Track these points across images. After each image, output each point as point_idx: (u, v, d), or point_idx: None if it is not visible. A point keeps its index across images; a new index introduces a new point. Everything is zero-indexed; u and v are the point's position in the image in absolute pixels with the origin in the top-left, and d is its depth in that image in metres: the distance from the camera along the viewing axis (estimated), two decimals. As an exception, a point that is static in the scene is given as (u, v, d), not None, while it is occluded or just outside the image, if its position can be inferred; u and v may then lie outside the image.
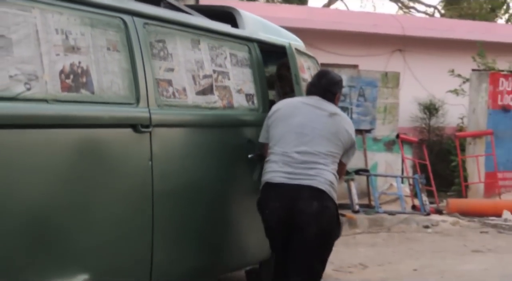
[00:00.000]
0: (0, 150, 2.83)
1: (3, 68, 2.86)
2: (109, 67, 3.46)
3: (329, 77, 4.38)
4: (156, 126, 3.66)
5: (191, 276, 4.15)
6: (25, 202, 2.94)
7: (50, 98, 3.07)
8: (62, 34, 3.20)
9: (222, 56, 4.46)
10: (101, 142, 3.37)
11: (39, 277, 3.01)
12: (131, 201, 3.54)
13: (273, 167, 4.15)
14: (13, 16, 2.96)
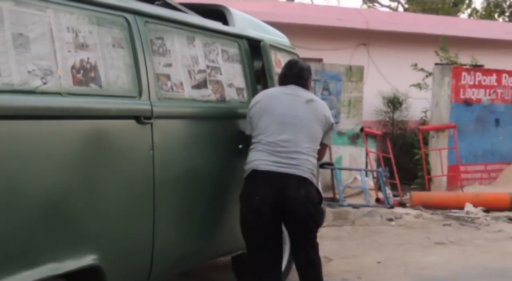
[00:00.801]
0: (19, 139, 3.07)
1: (22, 63, 3.10)
2: (115, 62, 3.70)
3: (299, 65, 4.74)
4: (157, 117, 3.91)
5: (187, 259, 4.44)
6: (40, 187, 3.18)
7: (63, 91, 3.31)
8: (73, 32, 3.44)
9: (214, 52, 4.73)
10: (108, 133, 3.62)
11: (53, 256, 3.25)
12: (134, 188, 3.79)
13: (259, 156, 4.46)
14: (30, 15, 3.19)
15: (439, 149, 11.63)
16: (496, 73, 12.36)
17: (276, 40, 5.58)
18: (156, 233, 3.95)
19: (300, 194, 4.40)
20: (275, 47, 5.38)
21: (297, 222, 4.50)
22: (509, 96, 12.45)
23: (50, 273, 3.21)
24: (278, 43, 5.55)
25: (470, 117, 11.99)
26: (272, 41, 5.38)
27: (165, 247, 4.04)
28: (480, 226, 8.91)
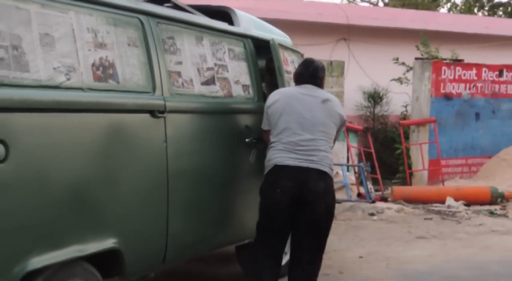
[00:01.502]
0: (47, 130, 3.34)
1: (48, 61, 3.37)
2: (130, 60, 3.98)
3: (315, 65, 4.96)
4: (170, 112, 4.18)
5: (198, 245, 4.72)
6: (65, 175, 3.45)
7: (85, 87, 3.59)
8: (92, 32, 3.72)
9: (221, 51, 5.00)
10: (125, 125, 3.89)
11: (78, 239, 3.52)
12: (150, 177, 4.06)
13: (280, 154, 4.68)
14: (54, 17, 3.47)
15: (420, 144, 11.70)
16: (476, 67, 12.47)
17: (282, 39, 5.85)
18: (169, 220, 4.22)
19: (320, 186, 4.62)
20: (281, 46, 5.66)
21: (312, 217, 4.64)
22: (489, 90, 12.58)
23: (74, 254, 3.48)
24: (284, 42, 5.82)
25: (451, 111, 12.08)
26: (279, 41, 5.66)
27: (178, 233, 4.31)
28: (461, 220, 8.98)
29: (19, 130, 3.17)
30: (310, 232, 4.70)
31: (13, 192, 3.12)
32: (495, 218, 9.23)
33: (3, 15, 3.14)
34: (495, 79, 12.65)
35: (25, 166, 3.19)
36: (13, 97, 3.13)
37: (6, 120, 3.11)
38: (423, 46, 13.33)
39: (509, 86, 12.88)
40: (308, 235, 4.70)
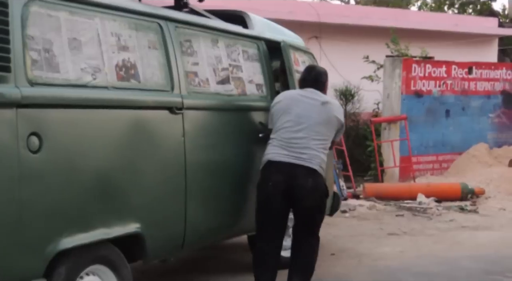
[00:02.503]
0: (76, 124, 3.72)
1: (76, 62, 3.76)
2: (150, 61, 4.36)
3: (317, 70, 5.34)
4: (187, 109, 4.56)
5: (214, 233, 5.08)
6: (93, 165, 3.82)
7: (109, 85, 3.97)
8: (116, 36, 4.10)
9: (236, 52, 5.36)
10: (146, 120, 4.26)
11: (104, 223, 3.89)
12: (169, 168, 4.43)
13: (274, 150, 5.04)
14: (81, 23, 3.85)
15: (391, 141, 11.79)
16: (445, 64, 12.59)
17: (292, 41, 6.21)
18: (187, 208, 4.58)
19: (308, 182, 4.95)
20: (293, 47, 6.01)
21: (303, 210, 5.01)
22: (458, 87, 12.70)
23: (101, 237, 3.86)
24: (295, 44, 6.18)
25: (421, 108, 12.17)
26: (290, 42, 6.01)
27: (195, 220, 4.67)
28: (432, 216, 9.05)
29: (51, 124, 3.55)
30: (302, 225, 5.08)
31: (46, 179, 3.50)
32: (466, 214, 9.32)
33: (36, 22, 3.52)
34: (464, 76, 12.77)
35: (56, 156, 3.57)
36: (45, 95, 3.52)
37: (40, 115, 3.49)
38: (393, 44, 13.39)
39: (479, 83, 13.00)
40: (303, 227, 5.09)
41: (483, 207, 9.83)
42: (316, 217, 5.15)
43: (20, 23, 3.42)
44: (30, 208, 3.40)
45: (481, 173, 11.47)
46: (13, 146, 3.32)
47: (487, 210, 9.61)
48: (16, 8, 3.41)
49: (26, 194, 3.38)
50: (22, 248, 3.37)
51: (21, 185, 3.36)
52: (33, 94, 3.43)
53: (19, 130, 3.35)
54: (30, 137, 3.41)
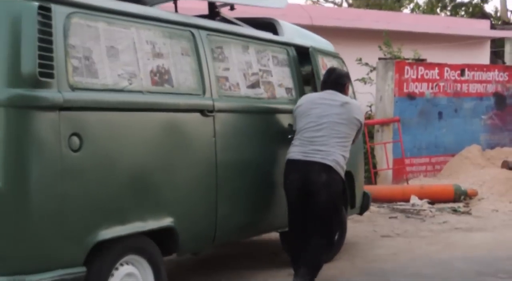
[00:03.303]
0: (112, 125, 4.04)
1: (114, 69, 4.09)
2: (183, 67, 4.67)
3: (337, 72, 5.59)
4: (218, 111, 4.86)
5: (244, 229, 5.38)
6: (130, 164, 4.15)
7: (144, 90, 4.29)
8: (151, 44, 4.43)
9: (266, 58, 5.65)
10: (179, 122, 4.57)
11: (140, 217, 4.21)
12: (201, 167, 4.74)
13: (294, 149, 5.33)
14: (118, 32, 4.19)
15: (384, 143, 11.78)
16: (438, 67, 12.56)
17: (321, 46, 6.47)
18: (218, 205, 4.88)
19: (321, 178, 5.19)
20: (321, 52, 6.28)
21: (316, 205, 5.24)
22: (451, 89, 12.64)
23: (136, 229, 4.18)
24: (323, 49, 6.44)
25: (414, 110, 12.15)
26: (319, 47, 6.28)
27: (225, 216, 4.96)
28: (425, 218, 9.05)
29: (91, 125, 3.88)
30: (315, 220, 5.30)
31: (86, 176, 3.83)
32: (459, 215, 9.31)
33: (77, 32, 3.86)
34: (457, 78, 12.73)
35: (95, 155, 3.89)
36: (85, 99, 3.85)
37: (81, 117, 3.82)
38: (386, 46, 13.38)
39: (471, 85, 12.95)
40: (315, 225, 5.31)
41: (476, 208, 9.82)
42: (329, 215, 5.32)
43: (62, 33, 3.76)
44: (71, 201, 3.73)
45: (474, 175, 11.43)
46: (56, 145, 3.66)
47: (480, 211, 9.59)
48: (59, 20, 3.75)
49: (68, 189, 3.72)
50: (64, 238, 3.70)
51: (63, 181, 3.70)
52: (74, 98, 3.76)
53: (61, 130, 3.69)
54: (72, 137, 3.75)
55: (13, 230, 3.53)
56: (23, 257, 3.56)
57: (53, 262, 3.66)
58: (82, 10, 3.94)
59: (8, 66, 3.53)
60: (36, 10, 3.61)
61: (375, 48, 13.58)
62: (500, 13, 27.25)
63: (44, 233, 3.62)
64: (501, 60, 21.12)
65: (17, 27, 3.57)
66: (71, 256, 3.75)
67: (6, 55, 3.53)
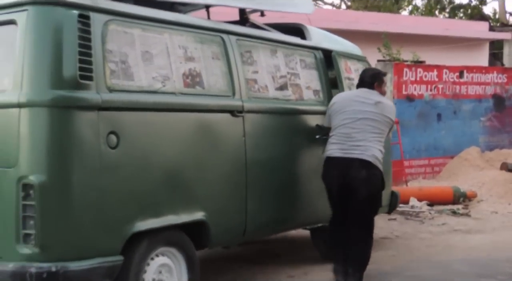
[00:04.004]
0: (147, 125, 4.32)
1: (148, 72, 4.38)
2: (214, 70, 4.94)
3: (371, 72, 5.79)
4: (247, 112, 5.12)
5: (274, 225, 5.62)
6: (165, 161, 4.43)
7: (177, 91, 4.57)
8: (183, 48, 4.71)
9: (294, 61, 5.90)
10: (210, 122, 4.84)
11: (173, 210, 4.48)
12: (231, 164, 5.00)
13: (332, 146, 5.54)
14: (153, 38, 4.48)
15: None
16: (437, 68, 12.57)
17: (346, 50, 6.70)
18: (248, 200, 5.13)
19: (361, 174, 5.39)
20: (345, 56, 6.51)
21: (356, 201, 5.42)
22: (450, 91, 12.65)
23: (170, 222, 4.45)
24: (348, 53, 6.67)
25: (413, 112, 12.20)
26: (342, 51, 6.51)
27: (255, 212, 5.20)
28: (424, 219, 9.08)
29: (127, 124, 4.17)
30: (355, 215, 5.49)
31: (122, 171, 4.13)
32: (458, 217, 9.34)
33: (114, 38, 4.17)
34: (455, 80, 12.75)
35: (131, 151, 4.18)
36: (122, 100, 4.15)
37: (117, 117, 4.12)
38: (385, 48, 13.40)
39: (470, 87, 12.97)
40: (354, 217, 5.49)
41: (475, 210, 9.83)
42: (369, 209, 5.53)
43: (100, 39, 4.06)
44: (109, 195, 4.03)
45: (473, 177, 11.48)
46: (95, 142, 3.96)
47: (479, 213, 9.61)
48: (97, 27, 4.06)
49: (106, 183, 4.01)
50: (103, 228, 4.00)
51: (102, 176, 3.99)
52: (112, 99, 4.06)
53: (100, 129, 3.99)
54: (109, 135, 4.04)
55: (57, 221, 3.83)
56: (66, 246, 3.86)
57: (93, 251, 3.95)
58: (119, 17, 4.24)
59: (52, 69, 3.85)
60: (77, 18, 3.93)
61: (374, 50, 13.64)
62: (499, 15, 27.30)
63: (85, 224, 3.91)
64: (500, 62, 21.19)
65: (59, 34, 3.89)
66: (109, 246, 4.04)
67: (49, 60, 3.85)
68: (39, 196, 3.77)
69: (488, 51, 19.44)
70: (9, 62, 3.94)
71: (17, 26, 3.94)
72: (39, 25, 3.89)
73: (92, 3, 4.08)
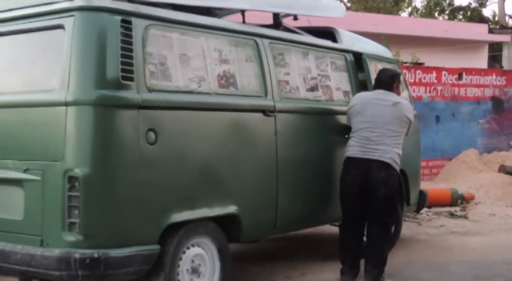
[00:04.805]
0: (183, 123, 4.60)
1: (185, 73, 4.67)
2: (247, 72, 5.21)
3: (387, 73, 5.97)
4: (278, 112, 5.37)
5: (302, 220, 5.87)
6: (198, 156, 4.70)
7: (212, 92, 4.85)
8: (218, 51, 4.99)
9: (324, 63, 6.14)
10: (243, 121, 5.11)
11: (207, 204, 4.76)
12: (263, 161, 5.26)
13: (353, 148, 5.73)
14: (190, 41, 4.77)
15: None
16: (436, 70, 12.56)
17: (377, 52, 6.91)
18: (278, 196, 5.38)
19: (381, 174, 5.58)
20: (375, 58, 6.73)
21: (375, 200, 5.60)
22: (448, 93, 12.64)
23: (204, 214, 4.74)
24: (378, 55, 6.88)
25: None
26: (372, 53, 6.73)
27: (285, 207, 5.46)
28: (422, 221, 9.08)
29: (165, 122, 4.46)
30: (374, 214, 5.68)
31: (160, 166, 4.42)
32: (455, 219, 9.35)
33: (153, 42, 4.46)
34: (454, 82, 12.74)
35: (169, 148, 4.47)
36: (160, 99, 4.44)
37: (156, 115, 4.41)
38: None
39: (468, 89, 12.96)
40: (373, 217, 5.69)
41: (473, 212, 9.85)
42: (388, 209, 5.69)
43: (141, 42, 4.36)
44: (148, 187, 4.32)
45: (471, 179, 11.49)
46: (135, 138, 4.26)
47: (477, 215, 9.63)
48: (138, 31, 4.36)
49: (145, 177, 4.31)
50: (142, 219, 4.30)
51: (141, 170, 4.29)
52: (151, 98, 4.36)
53: (139, 126, 4.29)
54: (148, 132, 4.34)
55: (99, 211, 4.14)
56: (107, 234, 4.17)
57: (132, 239, 4.25)
58: (158, 22, 4.54)
59: (96, 71, 4.16)
60: (119, 23, 4.24)
61: (373, 51, 13.72)
62: (498, 17, 27.20)
63: (125, 214, 4.22)
64: (499, 64, 21.19)
65: (103, 38, 4.20)
66: (147, 235, 4.34)
67: (94, 62, 4.16)
68: (83, 187, 4.08)
69: (487, 53, 19.47)
70: (57, 64, 4.27)
71: (64, 31, 4.26)
72: (85, 30, 4.21)
73: (133, 9, 4.39)
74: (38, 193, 4.26)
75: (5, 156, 4.48)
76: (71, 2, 4.27)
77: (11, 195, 4.44)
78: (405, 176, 6.95)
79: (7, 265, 4.31)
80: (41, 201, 4.24)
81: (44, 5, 4.41)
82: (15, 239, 4.34)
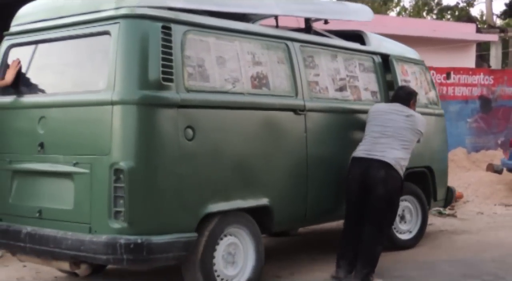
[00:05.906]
0: (219, 120, 4.95)
1: (220, 75, 5.02)
2: (279, 73, 5.55)
3: (405, 90, 6.30)
4: (308, 111, 5.70)
5: (328, 213, 6.19)
6: (233, 151, 5.06)
7: (245, 92, 5.21)
8: (251, 54, 5.34)
9: (353, 65, 6.45)
10: (275, 119, 5.44)
11: (241, 196, 5.12)
12: (294, 157, 5.60)
13: (360, 148, 5.96)
14: (225, 45, 5.14)
15: None
16: None
17: (404, 54, 7.20)
18: (308, 190, 5.71)
19: (380, 173, 5.74)
20: (402, 59, 7.02)
21: (373, 199, 5.73)
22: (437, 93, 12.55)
23: (238, 205, 5.10)
24: (405, 56, 7.17)
25: None
26: (399, 55, 7.02)
27: (314, 201, 5.78)
28: None
29: (201, 120, 4.83)
30: (371, 212, 5.77)
31: (197, 160, 4.79)
32: (444, 218, 9.33)
33: (191, 45, 4.84)
34: (443, 81, 12.76)
35: (205, 143, 4.84)
36: (198, 99, 4.81)
37: (194, 113, 4.78)
38: None
39: (457, 88, 12.99)
40: (369, 215, 5.78)
41: (461, 211, 9.86)
42: (384, 209, 5.76)
43: (180, 46, 4.74)
44: (186, 180, 4.70)
45: (459, 178, 11.48)
46: (175, 135, 4.64)
47: (465, 214, 9.65)
48: (177, 36, 4.74)
49: (183, 170, 4.68)
50: (181, 208, 4.67)
51: (181, 163, 4.67)
52: (189, 98, 4.73)
53: (179, 123, 4.66)
54: (187, 129, 4.71)
55: (142, 201, 4.53)
56: (149, 222, 4.56)
57: (172, 227, 4.63)
58: (196, 28, 4.92)
59: (139, 73, 4.55)
60: (160, 29, 4.63)
61: (362, 51, 13.78)
62: (486, 17, 27.14)
63: (165, 203, 4.60)
64: (487, 63, 21.19)
65: (146, 43, 4.60)
66: (185, 223, 4.72)
67: (137, 65, 4.56)
68: (128, 179, 4.47)
69: (475, 52, 19.45)
70: (104, 67, 4.67)
71: (110, 36, 4.66)
72: (129, 36, 4.61)
73: (173, 16, 4.77)
74: (86, 184, 4.67)
75: (57, 151, 4.90)
76: (117, 10, 4.68)
77: (62, 187, 4.86)
78: (432, 173, 7.21)
79: (59, 250, 4.73)
80: (90, 192, 4.65)
81: (92, 13, 4.84)
82: (66, 227, 4.75)
